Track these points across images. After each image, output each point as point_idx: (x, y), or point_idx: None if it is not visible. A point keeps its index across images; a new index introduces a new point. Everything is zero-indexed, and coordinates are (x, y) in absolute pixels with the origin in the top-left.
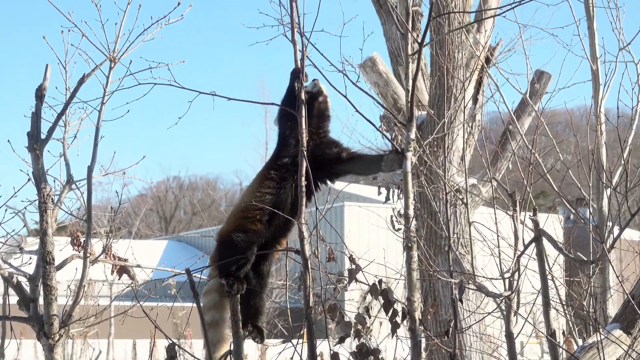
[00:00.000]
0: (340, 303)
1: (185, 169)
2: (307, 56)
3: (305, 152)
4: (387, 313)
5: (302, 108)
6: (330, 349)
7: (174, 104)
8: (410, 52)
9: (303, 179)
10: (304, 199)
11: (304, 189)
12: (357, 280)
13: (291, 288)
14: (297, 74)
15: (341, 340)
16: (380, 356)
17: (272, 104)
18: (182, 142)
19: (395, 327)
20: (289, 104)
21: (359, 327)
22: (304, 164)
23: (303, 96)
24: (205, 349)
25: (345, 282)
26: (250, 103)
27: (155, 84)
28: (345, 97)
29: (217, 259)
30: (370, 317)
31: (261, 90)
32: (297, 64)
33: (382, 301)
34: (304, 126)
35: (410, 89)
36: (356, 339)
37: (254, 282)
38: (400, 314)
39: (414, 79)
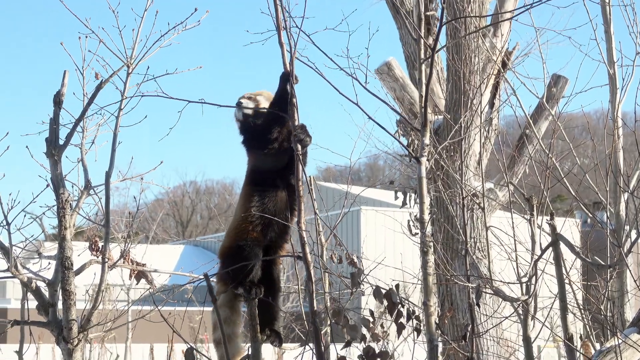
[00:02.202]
0: (356, 309)
1: (202, 174)
2: (296, 57)
3: (300, 157)
4: (391, 315)
5: (294, 112)
6: (337, 353)
7: (190, 110)
8: (423, 57)
9: (300, 183)
10: (302, 204)
11: (301, 193)
12: (360, 283)
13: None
14: (287, 77)
15: (347, 344)
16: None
17: (265, 109)
18: (198, 147)
19: (400, 328)
20: (279, 108)
21: (365, 331)
22: (300, 168)
23: (295, 100)
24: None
25: (360, 287)
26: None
27: (143, 95)
28: (356, 104)
29: (224, 274)
30: (375, 320)
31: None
32: (286, 66)
33: (386, 303)
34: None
35: (423, 94)
36: (363, 343)
37: (266, 287)
38: (405, 315)
39: (427, 85)
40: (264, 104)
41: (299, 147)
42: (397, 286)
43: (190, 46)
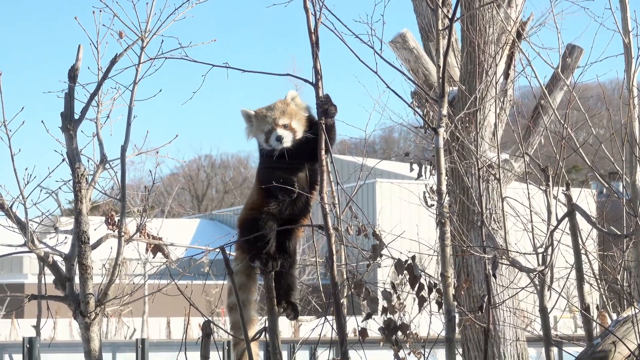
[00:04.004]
0: (373, 280)
1: (217, 148)
2: (322, 22)
3: (324, 126)
4: (412, 288)
5: (318, 80)
6: (358, 325)
7: (206, 84)
8: (440, 27)
9: (323, 152)
10: (325, 174)
11: (324, 162)
12: (381, 256)
13: (323, 265)
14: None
15: (368, 317)
16: (412, 331)
17: (288, 74)
18: (213, 120)
19: (421, 301)
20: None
21: (386, 303)
22: (323, 137)
23: (319, 66)
24: (230, 326)
25: (376, 259)
26: (270, 75)
27: (166, 57)
28: (375, 73)
29: (241, 244)
30: (397, 293)
31: (292, 69)
32: (311, 32)
33: (408, 276)
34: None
35: (441, 65)
36: (384, 315)
37: (283, 260)
38: (426, 288)
39: (445, 55)
40: (299, 123)
41: (324, 118)
42: (413, 257)
43: (205, 19)
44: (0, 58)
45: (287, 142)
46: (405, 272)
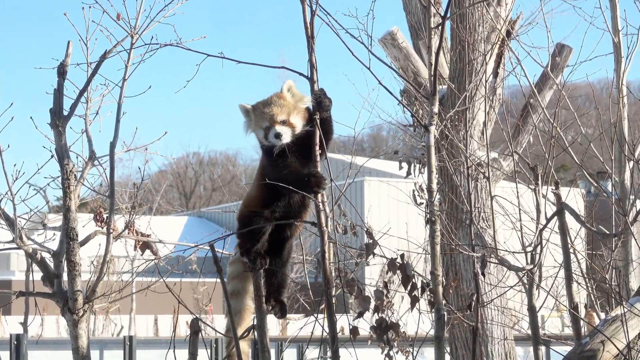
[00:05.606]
0: (361, 279)
1: (205, 145)
2: (317, 15)
3: (318, 122)
4: (405, 287)
5: (313, 73)
6: (350, 324)
7: (195, 81)
8: (433, 25)
9: (317, 147)
10: (319, 163)
11: (318, 158)
12: (374, 255)
13: (312, 263)
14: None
15: (359, 315)
16: (401, 330)
17: (283, 67)
18: (201, 118)
19: (414, 301)
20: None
21: (378, 302)
22: (318, 132)
23: (314, 59)
24: (227, 318)
25: (369, 257)
26: (261, 67)
27: (161, 45)
28: (368, 68)
29: (237, 237)
30: (389, 291)
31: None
32: (307, 24)
33: (400, 276)
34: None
35: (433, 62)
36: (376, 314)
37: (276, 257)
38: (419, 287)
39: (437, 53)
40: (298, 117)
41: (319, 112)
42: (402, 256)
43: (195, 18)
44: None
45: (286, 138)
46: (397, 271)
